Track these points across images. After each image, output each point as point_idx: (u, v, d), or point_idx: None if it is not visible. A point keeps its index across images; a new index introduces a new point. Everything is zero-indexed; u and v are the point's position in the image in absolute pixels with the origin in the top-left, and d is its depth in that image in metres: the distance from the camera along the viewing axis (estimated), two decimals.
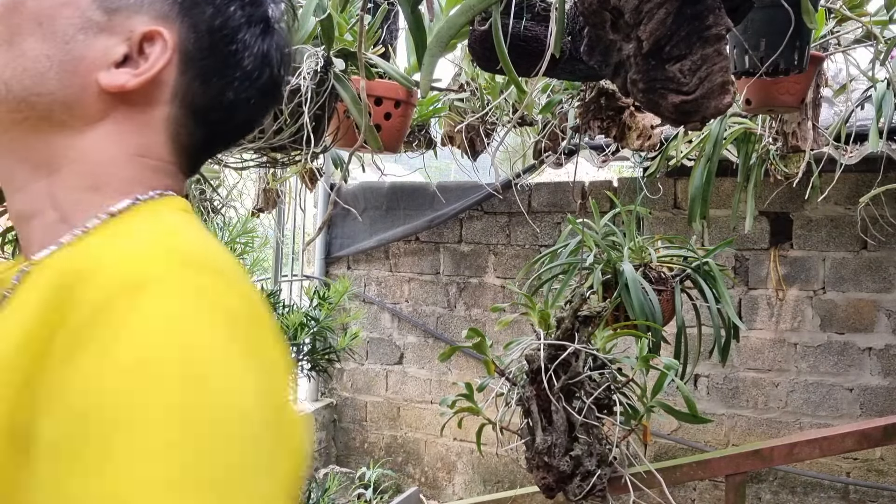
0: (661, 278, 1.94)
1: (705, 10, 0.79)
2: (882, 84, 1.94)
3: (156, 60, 0.58)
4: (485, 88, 2.16)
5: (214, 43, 0.60)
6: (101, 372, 0.40)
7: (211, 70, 0.60)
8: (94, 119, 0.57)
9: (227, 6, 0.61)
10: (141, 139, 0.58)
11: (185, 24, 0.59)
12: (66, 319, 0.43)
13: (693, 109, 0.81)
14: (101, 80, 0.57)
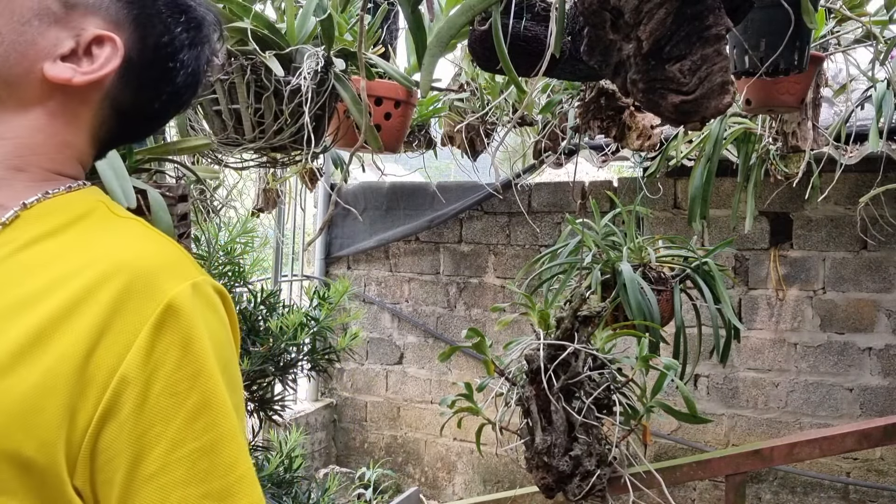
0: (661, 278, 1.94)
1: (705, 10, 0.79)
2: (882, 84, 1.94)
3: (105, 63, 0.61)
4: (485, 88, 2.16)
5: (157, 58, 0.64)
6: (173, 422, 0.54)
7: (147, 81, 0.64)
8: (29, 103, 0.59)
9: (174, 26, 0.65)
10: (68, 131, 0.62)
11: (135, 35, 0.63)
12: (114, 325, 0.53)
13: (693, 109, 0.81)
14: (46, 69, 0.59)
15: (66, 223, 0.58)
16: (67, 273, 0.54)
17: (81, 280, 0.53)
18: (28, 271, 0.55)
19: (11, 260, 0.55)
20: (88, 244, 0.57)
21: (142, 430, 0.52)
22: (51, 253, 0.56)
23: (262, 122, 1.36)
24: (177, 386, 0.53)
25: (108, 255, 0.55)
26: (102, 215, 0.60)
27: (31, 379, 0.50)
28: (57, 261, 0.55)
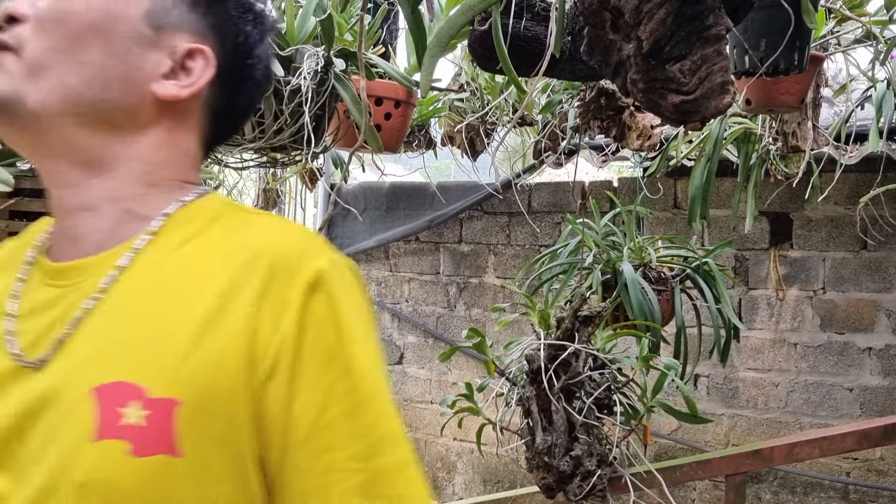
0: (661, 278, 1.94)
1: (705, 10, 0.79)
2: (882, 84, 1.94)
3: (201, 73, 0.67)
4: (485, 88, 2.16)
5: (238, 58, 0.70)
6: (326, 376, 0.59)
7: (233, 82, 0.70)
8: (147, 124, 0.66)
9: (244, 25, 0.70)
10: (185, 141, 0.69)
11: (217, 41, 0.68)
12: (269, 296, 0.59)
13: (693, 109, 0.81)
14: (156, 90, 0.65)
15: (205, 224, 0.65)
16: (219, 264, 0.61)
17: (232, 267, 0.60)
18: (185, 267, 0.62)
19: (169, 260, 0.62)
20: (231, 238, 0.63)
21: (292, 396, 0.58)
22: (201, 250, 0.63)
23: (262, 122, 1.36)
24: (324, 351, 0.59)
25: (251, 243, 0.62)
26: (234, 213, 0.67)
27: (211, 358, 0.57)
28: (208, 256, 0.62)
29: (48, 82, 0.62)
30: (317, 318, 0.59)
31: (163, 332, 0.58)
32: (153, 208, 0.65)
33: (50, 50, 0.62)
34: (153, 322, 0.59)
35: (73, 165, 0.64)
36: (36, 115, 0.62)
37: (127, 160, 0.65)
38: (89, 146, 0.64)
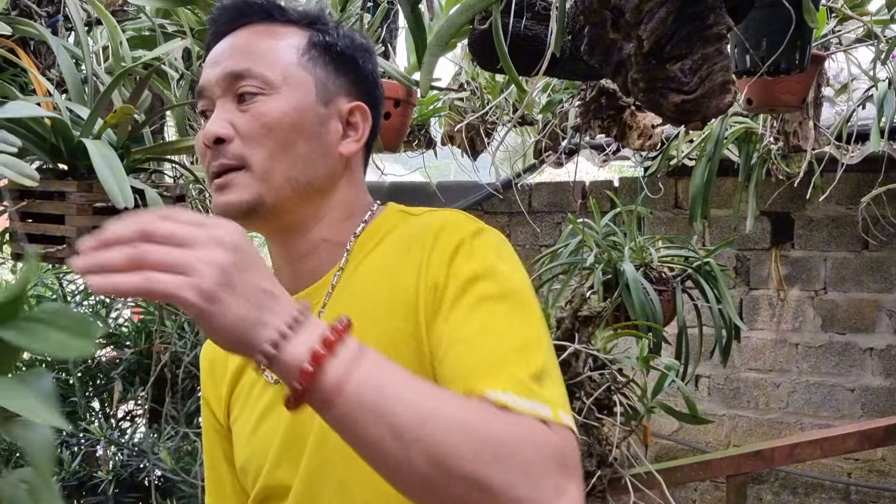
0: (662, 278, 1.93)
1: (706, 10, 0.79)
2: (883, 83, 1.94)
3: (364, 125, 0.84)
4: (485, 88, 2.15)
5: (373, 97, 0.86)
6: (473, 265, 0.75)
7: (375, 119, 0.86)
8: (338, 177, 0.83)
9: (367, 64, 0.85)
10: (359, 174, 0.87)
11: (362, 92, 0.84)
12: (435, 248, 0.76)
13: (694, 109, 0.81)
14: (341, 151, 0.82)
15: (387, 231, 0.82)
16: (403, 251, 0.78)
17: (415, 245, 0.77)
18: (381, 263, 0.80)
19: (367, 262, 0.81)
20: (408, 231, 0.81)
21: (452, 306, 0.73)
22: (388, 247, 0.81)
23: None
24: (489, 270, 0.74)
25: (424, 225, 0.79)
26: (406, 218, 0.84)
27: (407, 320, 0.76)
28: (394, 249, 0.80)
29: (276, 180, 0.78)
30: (484, 248, 0.76)
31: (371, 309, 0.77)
32: (348, 233, 0.83)
33: (269, 158, 0.77)
34: (362, 306, 0.76)
35: (299, 228, 0.81)
36: (274, 207, 0.78)
37: (331, 209, 0.83)
38: (310, 212, 0.81)
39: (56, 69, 1.32)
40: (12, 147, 1.03)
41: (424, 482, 0.59)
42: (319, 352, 0.58)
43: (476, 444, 0.59)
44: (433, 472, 0.58)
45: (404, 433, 0.58)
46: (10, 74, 1.32)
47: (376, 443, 0.59)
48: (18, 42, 1.30)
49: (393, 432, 0.58)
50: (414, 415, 0.59)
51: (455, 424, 0.60)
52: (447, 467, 0.58)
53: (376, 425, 0.58)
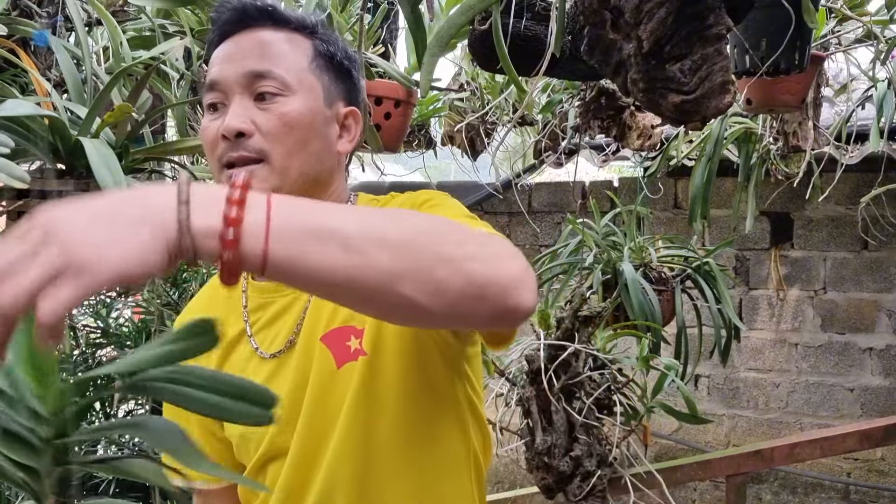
0: (662, 278, 1.93)
1: (706, 10, 0.79)
2: (883, 84, 1.94)
3: (356, 128, 0.93)
4: (485, 88, 2.15)
5: (361, 103, 0.96)
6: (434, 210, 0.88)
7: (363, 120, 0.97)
8: (335, 172, 0.93)
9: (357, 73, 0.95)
10: (344, 172, 0.98)
11: (353, 98, 0.94)
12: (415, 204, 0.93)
13: (693, 109, 0.81)
14: (339, 150, 0.92)
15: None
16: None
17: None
18: None
19: None
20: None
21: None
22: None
23: None
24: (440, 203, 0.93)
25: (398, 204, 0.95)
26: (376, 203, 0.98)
27: None
28: None
29: (292, 175, 0.85)
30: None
31: None
32: None
33: (288, 154, 0.84)
34: None
35: None
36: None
37: (328, 198, 0.90)
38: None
39: (56, 69, 1.32)
40: (5, 148, 1.03)
41: (393, 277, 0.58)
42: (231, 216, 0.53)
43: (421, 229, 0.62)
44: (395, 261, 0.58)
45: (351, 242, 0.56)
46: (10, 75, 1.32)
47: (330, 264, 0.56)
48: (19, 42, 1.30)
49: (342, 245, 0.56)
50: (352, 223, 0.58)
51: (390, 218, 0.63)
52: (404, 251, 0.59)
53: (321, 251, 0.56)
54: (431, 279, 0.59)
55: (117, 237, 0.49)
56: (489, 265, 0.62)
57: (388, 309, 0.62)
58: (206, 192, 0.53)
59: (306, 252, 0.55)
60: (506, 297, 0.62)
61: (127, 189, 0.53)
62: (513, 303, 0.62)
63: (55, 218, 0.49)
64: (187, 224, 0.51)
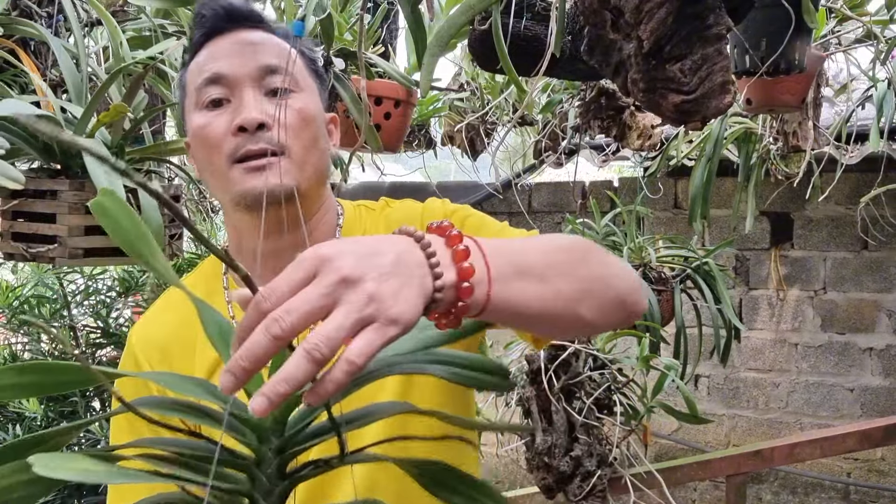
0: (662, 278, 1.93)
1: (706, 10, 0.79)
2: (883, 84, 1.94)
3: (337, 135, 0.94)
4: (485, 88, 2.15)
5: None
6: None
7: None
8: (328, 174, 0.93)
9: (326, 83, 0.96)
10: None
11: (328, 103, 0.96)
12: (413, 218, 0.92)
13: (693, 109, 0.81)
14: (333, 154, 0.92)
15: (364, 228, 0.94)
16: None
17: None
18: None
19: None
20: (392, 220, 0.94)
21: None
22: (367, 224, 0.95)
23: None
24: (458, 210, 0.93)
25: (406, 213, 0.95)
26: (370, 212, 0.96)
27: None
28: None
29: (309, 169, 0.85)
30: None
31: None
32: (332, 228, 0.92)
33: (304, 148, 0.84)
34: None
35: (311, 216, 0.88)
36: (305, 195, 0.84)
37: (324, 202, 0.91)
38: (318, 203, 0.89)
39: (56, 69, 1.32)
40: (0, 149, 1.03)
41: (574, 301, 0.66)
42: (464, 267, 0.56)
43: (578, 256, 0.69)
44: (573, 287, 0.66)
45: (543, 275, 0.63)
46: (10, 75, 1.32)
47: (530, 298, 0.62)
48: (19, 42, 1.30)
49: (538, 279, 0.63)
50: (535, 256, 0.65)
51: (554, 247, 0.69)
52: (577, 277, 0.67)
53: (524, 287, 0.61)
54: (598, 298, 0.68)
55: (405, 292, 0.52)
56: (624, 279, 0.73)
57: (565, 329, 0.71)
58: (435, 244, 0.57)
59: (516, 290, 0.60)
60: (637, 304, 0.74)
61: (377, 240, 0.56)
62: (640, 308, 0.75)
63: (347, 262, 0.51)
64: (441, 281, 0.55)
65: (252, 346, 0.47)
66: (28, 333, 2.22)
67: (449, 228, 0.59)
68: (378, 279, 0.51)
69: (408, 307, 0.52)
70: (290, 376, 0.46)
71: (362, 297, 0.49)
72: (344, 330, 0.48)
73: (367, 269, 0.51)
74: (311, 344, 0.46)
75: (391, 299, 0.50)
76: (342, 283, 0.49)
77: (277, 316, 0.47)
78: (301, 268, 0.50)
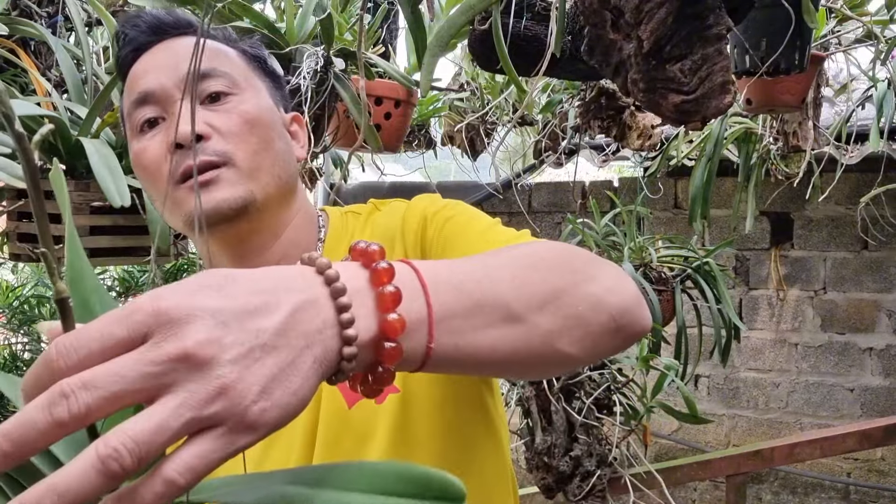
0: (662, 278, 1.93)
1: (706, 10, 0.79)
2: (883, 84, 1.94)
3: (303, 136, 0.86)
4: (485, 88, 2.15)
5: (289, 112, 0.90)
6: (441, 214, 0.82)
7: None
8: (298, 179, 0.83)
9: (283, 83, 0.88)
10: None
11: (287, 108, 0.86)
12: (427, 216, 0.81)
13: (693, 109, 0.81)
14: (298, 155, 0.84)
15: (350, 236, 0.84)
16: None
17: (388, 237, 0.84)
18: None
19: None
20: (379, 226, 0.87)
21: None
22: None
23: None
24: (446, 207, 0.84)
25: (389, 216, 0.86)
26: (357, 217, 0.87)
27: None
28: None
29: (263, 177, 0.76)
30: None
31: None
32: (313, 239, 0.83)
33: (254, 154, 0.75)
34: None
35: (275, 231, 0.79)
36: (263, 205, 0.76)
37: (296, 212, 0.82)
38: (284, 213, 0.80)
39: (56, 69, 1.32)
40: (6, 148, 1.03)
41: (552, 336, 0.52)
42: (389, 320, 0.42)
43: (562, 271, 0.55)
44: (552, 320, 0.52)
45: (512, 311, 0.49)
46: (10, 75, 1.32)
47: (493, 341, 0.48)
48: (19, 42, 1.30)
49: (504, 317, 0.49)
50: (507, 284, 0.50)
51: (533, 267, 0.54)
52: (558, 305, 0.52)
53: (484, 330, 0.47)
54: (584, 327, 0.54)
55: (286, 377, 0.36)
56: (618, 293, 0.57)
57: (541, 369, 0.57)
58: (352, 284, 0.41)
59: (470, 336, 0.46)
60: (635, 324, 0.58)
61: (261, 280, 0.39)
62: (639, 327, 0.59)
63: (200, 329, 0.35)
64: (352, 348, 0.40)
65: (23, 425, 0.32)
66: (28, 333, 2.23)
67: (376, 256, 0.44)
68: (242, 359, 0.35)
69: (282, 403, 0.36)
70: (69, 490, 0.31)
71: (208, 389, 0.34)
72: (168, 433, 0.33)
73: (231, 341, 0.35)
74: (111, 448, 0.32)
75: (255, 393, 0.35)
76: (182, 360, 0.34)
77: (70, 390, 0.32)
78: (128, 321, 0.34)
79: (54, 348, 0.34)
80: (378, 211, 0.86)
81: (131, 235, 1.19)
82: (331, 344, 0.39)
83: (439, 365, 0.46)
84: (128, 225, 1.18)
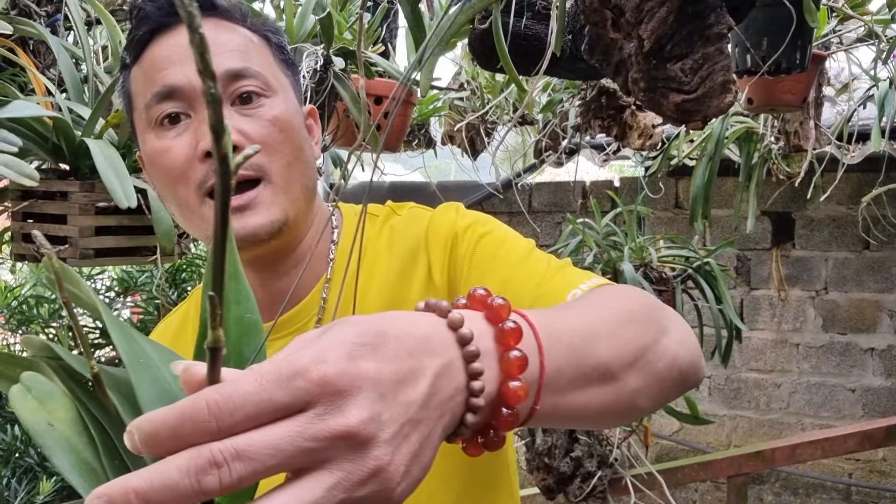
0: (663, 278, 1.93)
1: (707, 9, 0.79)
2: (884, 83, 1.93)
3: (317, 130, 0.83)
4: (485, 87, 2.15)
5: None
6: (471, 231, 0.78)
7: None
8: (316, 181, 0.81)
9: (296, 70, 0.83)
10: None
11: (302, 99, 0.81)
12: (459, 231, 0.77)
13: (694, 108, 0.80)
14: (315, 154, 0.80)
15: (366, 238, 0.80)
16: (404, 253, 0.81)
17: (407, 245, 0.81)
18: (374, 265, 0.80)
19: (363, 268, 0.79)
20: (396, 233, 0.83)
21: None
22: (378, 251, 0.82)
23: None
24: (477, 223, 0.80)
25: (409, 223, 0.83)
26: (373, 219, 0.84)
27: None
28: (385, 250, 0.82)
29: (294, 191, 0.73)
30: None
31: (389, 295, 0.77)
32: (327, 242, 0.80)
33: (287, 167, 0.71)
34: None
35: (295, 241, 0.77)
36: (294, 222, 0.73)
37: (314, 216, 0.79)
38: (306, 221, 0.77)
39: (55, 69, 1.32)
40: (13, 147, 1.03)
41: (637, 394, 0.52)
42: (512, 388, 0.40)
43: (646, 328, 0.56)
44: (640, 378, 0.52)
45: (609, 372, 0.49)
46: (9, 74, 1.32)
47: (588, 401, 0.48)
48: (18, 41, 1.30)
49: (601, 377, 0.49)
50: (606, 343, 0.50)
51: (627, 320, 0.54)
52: (644, 362, 0.53)
53: (583, 390, 0.47)
54: (659, 384, 0.54)
55: (422, 450, 0.36)
56: (688, 349, 0.59)
57: (614, 421, 0.56)
58: (482, 346, 0.40)
59: (570, 396, 0.46)
60: (694, 377, 0.61)
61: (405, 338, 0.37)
62: (697, 380, 0.61)
63: (363, 404, 0.33)
64: (474, 416, 0.39)
65: (164, 487, 0.29)
66: (27, 333, 2.22)
67: (503, 314, 0.42)
68: (395, 438, 0.34)
69: (416, 479, 0.36)
70: None
71: (363, 471, 0.32)
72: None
73: (388, 418, 0.34)
74: None
75: (401, 474, 0.34)
76: (344, 438, 0.32)
77: (222, 458, 0.29)
78: (290, 387, 0.32)
79: (206, 405, 0.30)
80: (396, 215, 0.82)
81: (136, 235, 1.20)
82: (457, 411, 0.38)
83: (534, 422, 0.45)
84: (133, 225, 1.18)
